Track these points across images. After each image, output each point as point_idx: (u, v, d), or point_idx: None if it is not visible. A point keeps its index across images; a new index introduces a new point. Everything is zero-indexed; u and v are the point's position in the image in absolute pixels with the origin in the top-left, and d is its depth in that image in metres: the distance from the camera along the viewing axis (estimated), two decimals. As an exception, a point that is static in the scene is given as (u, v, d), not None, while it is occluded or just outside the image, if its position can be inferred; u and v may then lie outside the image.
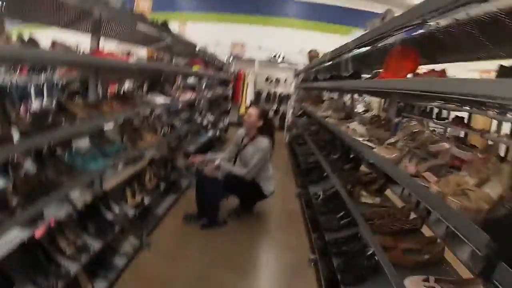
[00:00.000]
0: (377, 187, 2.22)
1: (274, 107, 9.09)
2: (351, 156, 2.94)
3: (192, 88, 5.56)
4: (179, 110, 4.70)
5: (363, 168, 2.80)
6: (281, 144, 7.16)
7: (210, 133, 5.34)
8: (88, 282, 1.81)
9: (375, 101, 7.71)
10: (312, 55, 8.10)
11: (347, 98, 5.75)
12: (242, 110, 8.73)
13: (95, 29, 2.24)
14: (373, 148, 1.86)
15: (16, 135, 1.40)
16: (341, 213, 2.74)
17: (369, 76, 2.93)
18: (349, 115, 3.33)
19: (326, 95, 5.69)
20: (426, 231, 1.82)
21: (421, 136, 1.73)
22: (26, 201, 1.39)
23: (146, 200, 2.85)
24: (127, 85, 5.20)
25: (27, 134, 1.42)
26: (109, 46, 3.73)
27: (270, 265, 2.74)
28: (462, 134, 5.86)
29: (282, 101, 9.08)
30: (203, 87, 6.08)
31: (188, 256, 2.65)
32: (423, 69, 1.99)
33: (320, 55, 7.38)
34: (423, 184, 1.31)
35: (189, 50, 4.31)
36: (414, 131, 1.77)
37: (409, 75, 1.82)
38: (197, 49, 4.22)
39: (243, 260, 2.70)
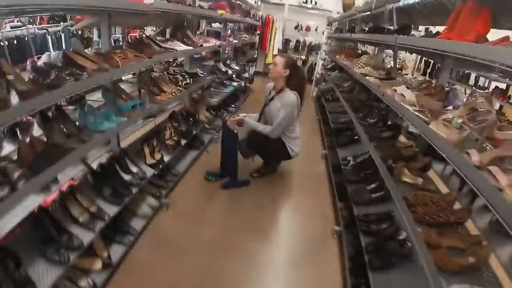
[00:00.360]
0: (421, 166, 1.95)
1: (303, 57, 8.50)
2: (389, 122, 2.62)
3: (217, 34, 5.18)
4: (203, 58, 4.41)
5: (401, 138, 2.51)
6: (308, 98, 6.78)
7: (235, 84, 5.04)
8: (104, 248, 1.75)
9: (409, 58, 7.01)
10: (347, 2, 7.30)
11: (385, 54, 5.23)
12: (269, 59, 8.23)
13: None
14: (427, 122, 1.57)
15: (14, 98, 1.22)
16: (373, 185, 2.52)
17: (420, 33, 2.51)
18: (389, 74, 2.95)
19: (361, 48, 5.15)
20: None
21: (486, 117, 1.42)
22: (30, 171, 1.25)
23: (166, 158, 2.72)
24: (149, 31, 4.91)
25: (26, 95, 1.22)
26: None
27: (293, 233, 2.62)
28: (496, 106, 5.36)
29: (311, 51, 8.45)
30: (229, 33, 5.65)
31: (209, 220, 2.57)
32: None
33: (357, 3, 6.65)
34: (493, 183, 1.05)
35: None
36: (478, 109, 1.46)
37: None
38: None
39: (265, 226, 2.60)
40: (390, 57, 7.63)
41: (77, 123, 1.90)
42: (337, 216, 2.75)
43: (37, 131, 1.77)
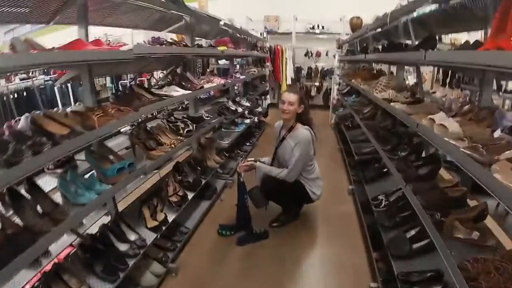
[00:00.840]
0: (475, 215, 1.52)
1: (317, 83, 8.24)
2: (424, 153, 2.22)
3: (225, 71, 5.02)
4: (210, 98, 4.20)
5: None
6: (326, 125, 6.42)
7: (247, 121, 4.78)
8: None
9: (426, 70, 6.58)
10: (355, 22, 7.09)
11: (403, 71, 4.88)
12: (284, 88, 8.03)
13: (80, 16, 1.74)
14: (483, 162, 1.18)
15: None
16: (413, 232, 2.09)
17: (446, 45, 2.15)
18: (415, 95, 2.58)
19: (376, 68, 4.82)
20: None
21: None
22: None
23: (171, 216, 2.41)
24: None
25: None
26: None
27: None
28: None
29: (325, 76, 8.19)
30: (237, 68, 5.50)
31: (223, 286, 2.19)
32: None
33: (364, 22, 6.40)
34: None
35: (214, 28, 3.73)
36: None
37: None
38: (221, 24, 3.61)
39: (287, 286, 2.19)
40: (406, 72, 7.29)
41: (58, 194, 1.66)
42: (372, 269, 2.30)
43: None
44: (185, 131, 2.53)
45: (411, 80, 6.47)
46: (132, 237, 2.06)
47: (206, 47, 3.19)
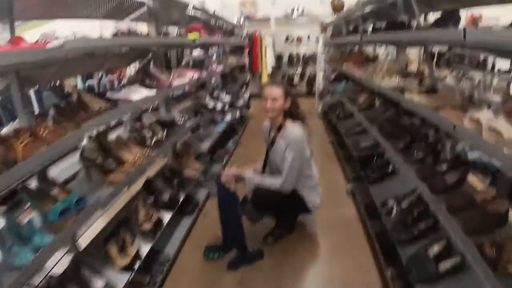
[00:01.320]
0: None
1: (299, 70, 7.82)
2: (446, 153, 1.86)
3: (201, 63, 4.51)
4: (185, 95, 3.71)
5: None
6: (313, 114, 6.02)
7: (229, 117, 4.32)
8: None
9: (412, 53, 6.28)
10: (336, 4, 6.67)
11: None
12: (264, 78, 7.57)
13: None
14: None
15: None
16: (436, 247, 1.75)
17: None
18: (422, 80, 2.21)
19: (367, 51, 4.42)
20: None
21: None
22: None
23: (145, 247, 1.98)
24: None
25: None
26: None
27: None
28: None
29: (307, 62, 7.77)
30: (214, 59, 5.00)
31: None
32: None
33: (347, 3, 5.97)
34: None
35: (184, 15, 3.23)
36: None
37: None
38: (190, 8, 3.10)
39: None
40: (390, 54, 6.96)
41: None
42: (387, 288, 1.96)
43: None
44: (152, 142, 2.06)
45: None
46: (99, 284, 1.62)
47: (172, 37, 2.69)
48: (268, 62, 7.47)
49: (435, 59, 6.08)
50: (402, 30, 2.19)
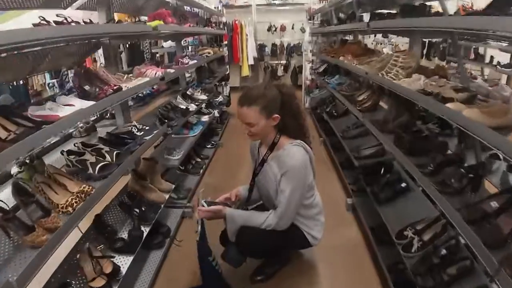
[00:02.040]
0: None
1: (283, 61, 7.27)
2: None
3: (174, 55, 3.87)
4: (152, 95, 3.12)
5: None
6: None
7: (206, 118, 3.75)
8: None
9: (401, 42, 5.87)
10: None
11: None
12: (245, 70, 6.98)
13: None
14: None
15: None
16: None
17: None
18: (447, 77, 1.74)
19: (364, 41, 3.91)
20: None
21: None
22: None
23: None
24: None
25: None
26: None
27: None
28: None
29: (291, 53, 7.21)
30: (188, 51, 4.38)
31: None
32: None
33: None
34: None
35: (150, 1, 2.63)
36: None
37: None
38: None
39: None
40: (382, 43, 6.47)
41: None
42: None
43: None
44: (96, 170, 1.49)
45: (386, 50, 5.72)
46: None
47: (125, 24, 2.09)
48: (249, 53, 6.87)
49: (425, 50, 5.68)
50: (420, 15, 1.69)
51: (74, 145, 1.68)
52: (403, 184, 2.10)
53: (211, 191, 3.15)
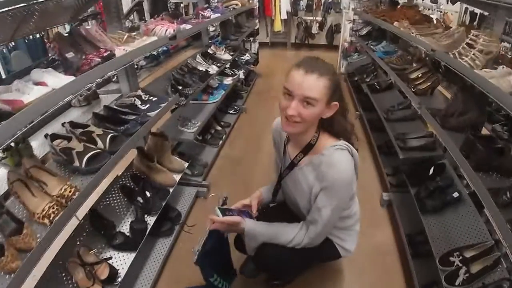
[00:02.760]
0: None
1: (319, 17, 6.49)
2: None
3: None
4: (168, 53, 2.73)
5: None
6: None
7: (229, 81, 3.35)
8: None
9: (451, 10, 4.96)
10: None
11: None
12: (278, 25, 6.32)
13: None
14: None
15: None
16: None
17: None
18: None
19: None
20: None
21: None
22: None
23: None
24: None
25: None
26: None
27: None
28: None
29: (329, 9, 6.33)
30: (213, 1, 3.85)
31: None
32: None
33: None
34: None
35: None
36: None
37: None
38: None
39: None
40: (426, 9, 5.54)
41: None
42: None
43: None
44: (83, 162, 1.20)
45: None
46: None
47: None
48: (282, 7, 6.15)
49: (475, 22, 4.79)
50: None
51: (63, 125, 1.39)
52: (456, 194, 1.70)
53: (231, 164, 2.89)
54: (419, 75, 2.20)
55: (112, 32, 1.59)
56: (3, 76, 3.20)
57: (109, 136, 1.37)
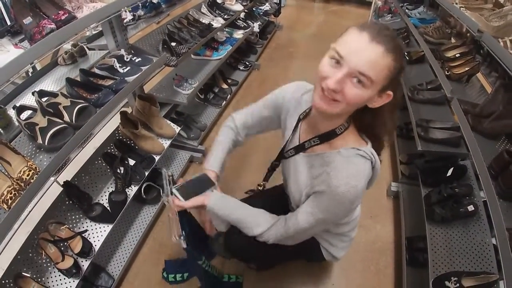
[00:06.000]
0: None
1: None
2: None
3: None
4: (167, 5, 2.39)
5: None
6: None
7: (239, 34, 3.01)
8: None
9: None
10: None
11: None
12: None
13: None
14: None
15: None
16: None
17: None
18: None
19: None
20: None
21: None
22: None
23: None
24: None
25: None
26: None
27: None
28: None
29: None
30: None
31: None
32: None
33: None
34: None
35: None
36: None
37: None
38: None
39: None
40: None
41: None
42: None
43: None
44: (46, 139, 1.06)
45: None
46: None
47: None
48: None
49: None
50: None
51: (33, 94, 1.21)
52: (471, 208, 1.48)
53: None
54: (457, 55, 1.84)
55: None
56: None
57: (76, 108, 1.19)
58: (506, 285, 0.93)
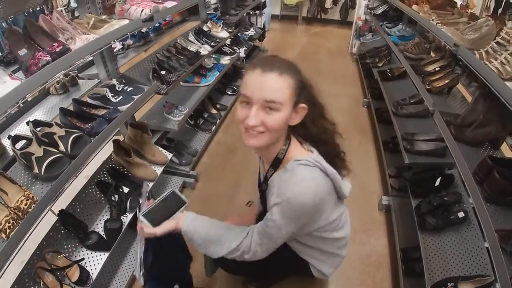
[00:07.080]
0: None
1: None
2: None
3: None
4: (158, 29, 2.49)
5: None
6: (344, 53, 4.66)
7: (226, 60, 3.10)
8: None
9: None
10: None
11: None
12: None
13: None
14: None
15: None
16: None
17: None
18: None
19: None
20: None
21: None
22: None
23: None
24: None
25: None
26: None
27: None
28: None
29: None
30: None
31: None
32: None
33: None
34: None
35: None
36: None
37: None
38: None
39: None
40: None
41: None
42: None
43: None
44: (42, 169, 1.07)
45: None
46: None
47: None
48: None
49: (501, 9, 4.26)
50: None
51: (27, 124, 1.23)
52: (461, 214, 1.53)
53: (223, 152, 2.72)
54: (437, 69, 1.95)
55: (84, 17, 1.38)
56: None
57: (71, 137, 1.21)
58: (501, 285, 0.95)
